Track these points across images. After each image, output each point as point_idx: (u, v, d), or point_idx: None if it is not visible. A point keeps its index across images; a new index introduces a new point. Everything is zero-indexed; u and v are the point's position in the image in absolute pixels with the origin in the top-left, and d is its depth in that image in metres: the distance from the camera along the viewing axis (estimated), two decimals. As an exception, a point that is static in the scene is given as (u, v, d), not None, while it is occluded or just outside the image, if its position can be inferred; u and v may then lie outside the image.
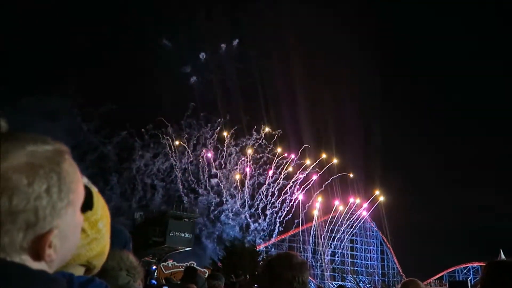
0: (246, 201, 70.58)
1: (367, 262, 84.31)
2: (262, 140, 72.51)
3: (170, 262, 38.24)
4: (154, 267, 37.63)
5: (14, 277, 0.67)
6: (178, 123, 69.79)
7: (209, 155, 69.52)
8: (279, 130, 72.83)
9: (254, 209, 70.86)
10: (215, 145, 71.18)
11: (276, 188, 72.41)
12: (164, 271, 34.38)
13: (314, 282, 65.56)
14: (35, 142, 0.76)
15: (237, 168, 71.42)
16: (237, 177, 70.33)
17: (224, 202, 68.99)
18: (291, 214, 72.63)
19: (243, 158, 71.23)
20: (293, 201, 73.32)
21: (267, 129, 72.47)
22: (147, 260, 45.57)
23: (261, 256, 37.82)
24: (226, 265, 34.10)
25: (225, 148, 70.46)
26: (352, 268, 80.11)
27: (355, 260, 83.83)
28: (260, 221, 70.84)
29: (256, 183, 72.02)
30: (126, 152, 64.28)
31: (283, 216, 72.68)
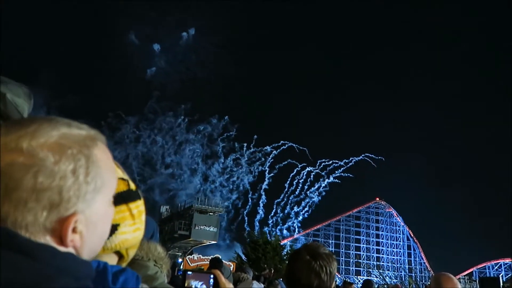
0: (201, 187, 73.26)
1: (393, 257, 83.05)
2: (218, 129, 76.21)
3: (196, 255, 38.83)
4: (180, 260, 38.30)
5: (41, 256, 0.66)
6: (139, 113, 74.21)
7: (164, 142, 73.68)
8: (236, 125, 76.82)
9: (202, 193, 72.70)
10: (173, 134, 75.30)
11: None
12: (190, 264, 34.93)
13: (339, 276, 65.13)
14: (69, 126, 0.76)
15: (194, 154, 75.04)
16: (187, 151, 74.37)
17: (181, 185, 72.35)
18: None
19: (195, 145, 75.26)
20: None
21: (226, 118, 76.61)
22: (173, 253, 46.47)
23: (285, 250, 37.79)
24: (250, 259, 34.31)
25: (177, 137, 73.43)
26: (377, 263, 79.12)
27: (381, 255, 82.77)
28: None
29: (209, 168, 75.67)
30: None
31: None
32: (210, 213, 50.10)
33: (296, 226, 78.53)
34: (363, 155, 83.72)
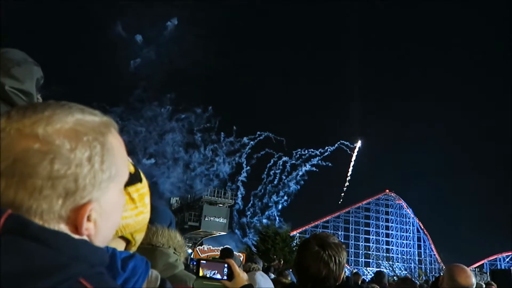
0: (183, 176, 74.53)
1: (403, 249, 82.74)
2: (202, 119, 78.06)
3: (206, 246, 39.20)
4: (190, 251, 38.68)
5: (55, 243, 0.65)
6: (123, 104, 75.54)
7: (147, 132, 75.87)
8: (219, 116, 78.63)
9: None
10: (158, 124, 77.35)
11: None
12: (200, 254, 35.27)
13: (348, 268, 65.19)
14: (83, 112, 0.74)
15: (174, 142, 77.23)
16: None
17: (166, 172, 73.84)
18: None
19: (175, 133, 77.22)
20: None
21: (210, 108, 78.38)
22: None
23: (295, 241, 37.91)
24: (259, 250, 34.50)
25: (161, 127, 76.56)
26: (387, 254, 78.88)
27: (390, 247, 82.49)
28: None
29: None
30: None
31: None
32: (220, 205, 50.37)
33: (276, 215, 79.68)
34: (338, 142, 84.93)
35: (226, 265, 1.72)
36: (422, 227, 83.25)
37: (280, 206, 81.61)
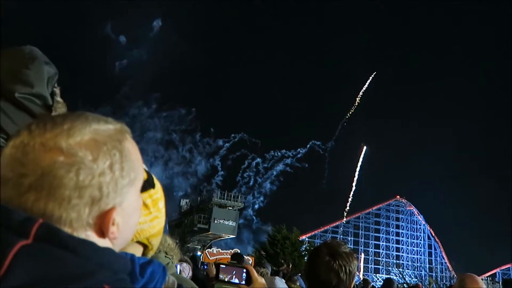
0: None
1: (413, 256, 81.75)
2: (185, 120, 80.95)
3: (215, 249, 39.28)
4: (199, 253, 38.79)
5: (82, 251, 0.69)
6: (110, 104, 77.86)
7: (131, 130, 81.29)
8: (200, 117, 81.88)
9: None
10: (141, 124, 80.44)
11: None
12: (209, 257, 35.36)
13: (358, 274, 64.64)
14: (98, 121, 0.78)
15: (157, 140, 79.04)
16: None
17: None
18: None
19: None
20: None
21: (193, 110, 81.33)
22: (192, 246, 47.10)
23: (304, 246, 37.78)
24: (268, 254, 34.44)
25: (144, 127, 78.99)
26: (397, 261, 78.02)
27: (400, 254, 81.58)
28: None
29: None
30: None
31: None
32: (229, 208, 50.46)
33: (253, 216, 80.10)
34: (311, 142, 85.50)
35: (244, 270, 1.77)
36: (433, 234, 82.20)
37: (257, 206, 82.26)
